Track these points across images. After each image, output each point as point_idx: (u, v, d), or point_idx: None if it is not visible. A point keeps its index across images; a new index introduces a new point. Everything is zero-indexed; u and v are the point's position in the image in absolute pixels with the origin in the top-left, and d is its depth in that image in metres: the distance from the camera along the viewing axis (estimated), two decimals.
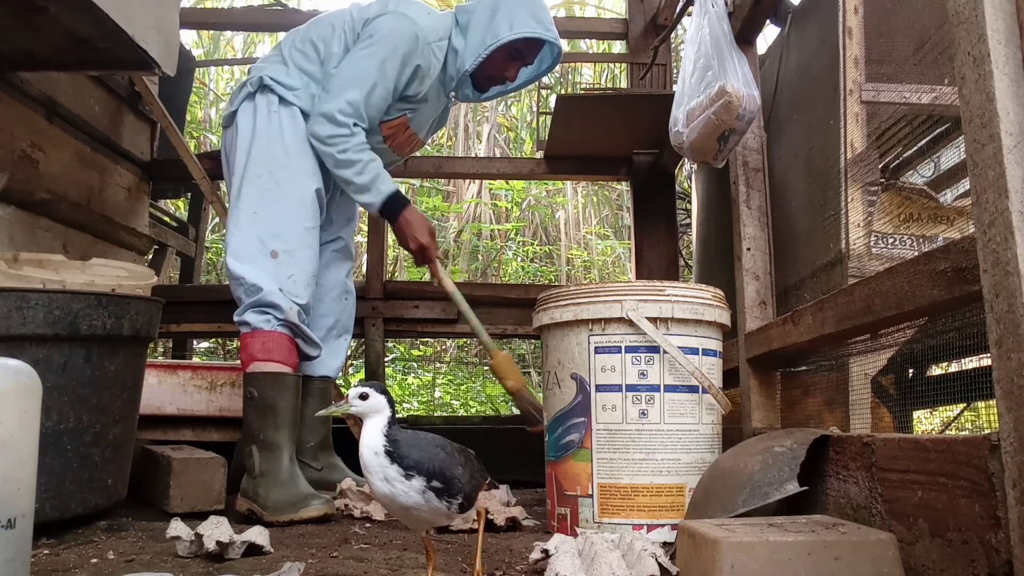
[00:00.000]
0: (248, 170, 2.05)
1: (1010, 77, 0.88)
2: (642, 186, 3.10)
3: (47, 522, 1.57)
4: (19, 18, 2.03)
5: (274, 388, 1.95)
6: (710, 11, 1.90)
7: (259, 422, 1.94)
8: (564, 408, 1.58)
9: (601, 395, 1.53)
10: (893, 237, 1.79)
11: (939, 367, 1.88)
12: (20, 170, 2.31)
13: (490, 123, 6.69)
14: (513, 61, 2.20)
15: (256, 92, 2.13)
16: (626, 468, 1.50)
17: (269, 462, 1.91)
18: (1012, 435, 0.84)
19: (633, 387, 1.50)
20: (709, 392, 1.54)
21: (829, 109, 1.88)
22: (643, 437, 1.50)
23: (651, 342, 1.50)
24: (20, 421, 1.11)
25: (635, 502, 1.49)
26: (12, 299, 1.55)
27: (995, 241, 0.87)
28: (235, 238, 2.01)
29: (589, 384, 1.54)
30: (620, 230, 6.52)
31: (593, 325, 1.54)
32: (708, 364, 1.62)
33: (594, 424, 1.52)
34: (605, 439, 1.51)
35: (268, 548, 1.46)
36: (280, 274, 1.98)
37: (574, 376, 1.57)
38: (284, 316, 1.96)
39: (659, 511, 1.50)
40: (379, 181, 2.07)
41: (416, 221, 2.12)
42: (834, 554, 1.02)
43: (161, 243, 3.68)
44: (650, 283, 1.61)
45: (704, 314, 1.62)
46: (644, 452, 1.49)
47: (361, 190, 2.07)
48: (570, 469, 1.57)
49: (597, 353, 1.52)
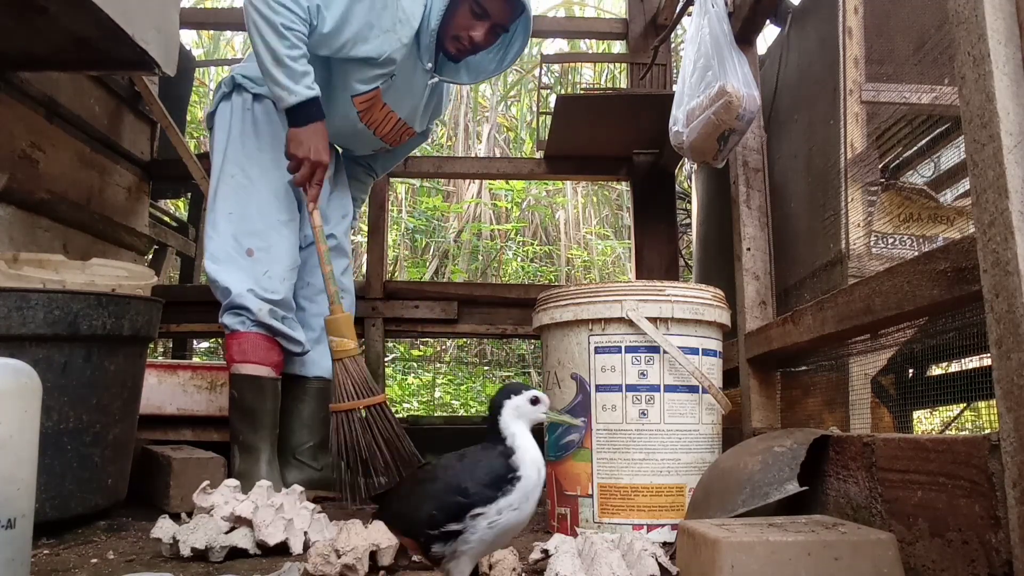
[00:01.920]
0: (223, 171, 2.05)
1: (1010, 77, 0.88)
2: (642, 186, 3.10)
3: (47, 522, 1.57)
4: (19, 18, 2.03)
5: (251, 391, 1.97)
6: (710, 11, 1.90)
7: (239, 424, 1.97)
8: (564, 408, 1.58)
9: (601, 395, 1.53)
10: (893, 237, 1.79)
11: (939, 367, 1.88)
12: (20, 170, 2.31)
13: (490, 123, 6.69)
14: (478, 19, 2.01)
15: (232, 92, 2.11)
16: (626, 468, 1.50)
17: (247, 464, 1.95)
18: (1012, 435, 0.84)
19: (633, 387, 1.50)
20: (709, 392, 1.54)
21: (829, 109, 1.89)
22: (643, 437, 1.50)
23: (651, 342, 1.50)
24: (20, 421, 1.11)
25: (635, 502, 1.49)
26: (12, 299, 1.55)
27: (995, 241, 0.87)
28: (212, 240, 2.02)
29: (589, 384, 1.54)
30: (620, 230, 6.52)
31: (593, 325, 1.54)
32: (708, 364, 1.62)
33: (594, 424, 1.52)
34: (605, 439, 1.51)
35: (253, 551, 1.45)
36: (256, 271, 1.98)
37: (574, 376, 1.57)
38: (255, 317, 1.97)
39: (659, 511, 1.50)
40: (309, 78, 1.90)
41: (323, 138, 1.94)
42: (834, 554, 1.02)
43: (161, 243, 3.68)
44: (650, 283, 1.61)
45: (704, 314, 1.62)
46: (644, 452, 1.49)
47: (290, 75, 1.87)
48: (570, 469, 1.57)
49: (597, 353, 1.52)
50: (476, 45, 2.06)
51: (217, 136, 2.09)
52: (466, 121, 6.47)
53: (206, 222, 2.09)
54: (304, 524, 1.50)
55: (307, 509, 1.53)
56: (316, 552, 1.26)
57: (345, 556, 1.26)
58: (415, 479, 1.09)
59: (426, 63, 2.08)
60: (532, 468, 0.99)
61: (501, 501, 0.97)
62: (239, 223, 2.01)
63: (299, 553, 1.46)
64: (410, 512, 1.04)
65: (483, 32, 2.04)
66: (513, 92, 6.96)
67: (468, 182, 6.27)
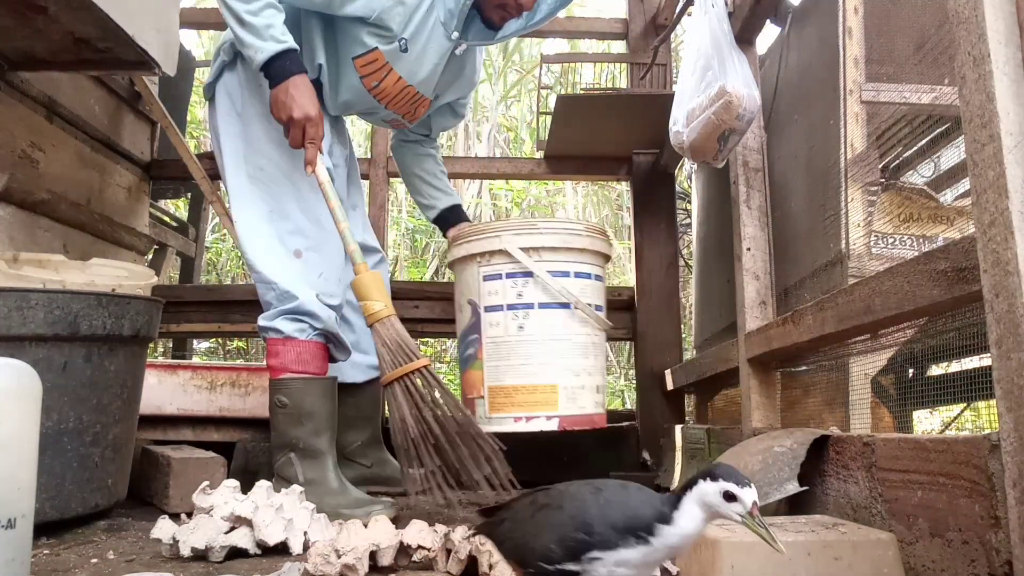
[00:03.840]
0: (248, 162, 1.89)
1: (1010, 77, 0.88)
2: (642, 186, 3.10)
3: (47, 522, 1.57)
4: (19, 18, 2.03)
5: (311, 394, 1.83)
6: (710, 11, 1.89)
7: (296, 430, 1.82)
8: (464, 327, 1.84)
9: (488, 314, 1.79)
10: (893, 237, 1.79)
11: (939, 367, 1.88)
12: (20, 170, 2.31)
13: (490, 123, 6.69)
14: None
15: (235, 60, 1.91)
16: (508, 372, 1.74)
17: (314, 470, 1.81)
18: (1012, 435, 0.84)
19: (513, 306, 1.75)
20: (579, 307, 1.76)
21: (829, 109, 1.88)
22: (522, 346, 1.74)
23: (526, 268, 1.73)
24: (20, 421, 1.11)
25: (515, 400, 1.74)
26: (12, 299, 1.55)
27: (995, 241, 0.87)
28: (254, 239, 1.86)
29: (480, 306, 1.80)
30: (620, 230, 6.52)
31: (480, 258, 1.78)
32: (581, 285, 1.88)
33: (484, 339, 1.79)
34: (492, 350, 1.76)
35: (253, 551, 1.45)
36: (309, 275, 1.84)
37: (470, 301, 1.82)
38: (323, 326, 1.84)
39: (535, 406, 1.75)
40: (275, 30, 1.73)
41: (306, 90, 1.75)
42: (834, 554, 1.02)
43: (161, 243, 3.68)
44: (526, 220, 1.93)
45: (573, 243, 1.86)
46: (522, 359, 1.74)
47: (255, 34, 1.72)
48: (470, 377, 1.84)
49: (485, 280, 1.80)
50: (522, 9, 1.92)
51: (226, 118, 1.92)
52: (466, 121, 6.47)
53: (237, 218, 1.89)
54: (304, 524, 1.50)
55: (307, 509, 1.53)
56: (316, 552, 1.26)
57: (345, 556, 1.26)
58: (536, 502, 0.94)
59: (451, 32, 1.89)
60: (674, 538, 0.84)
61: (622, 552, 0.84)
62: (280, 222, 1.86)
63: (299, 553, 1.46)
64: (525, 538, 0.92)
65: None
66: (513, 92, 6.96)
67: (468, 182, 6.27)
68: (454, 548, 1.31)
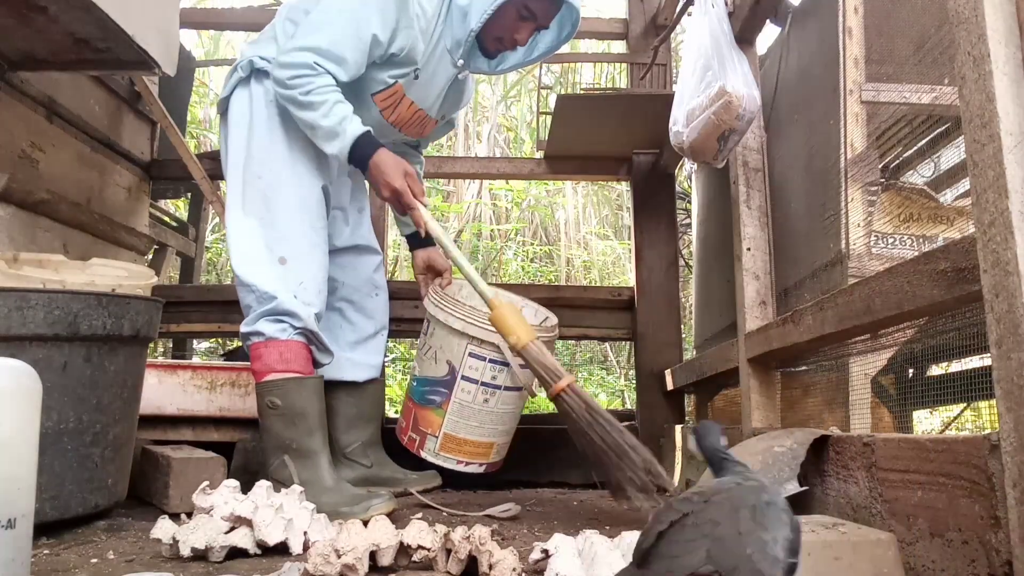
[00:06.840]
0: (248, 170, 1.94)
1: (1010, 77, 0.88)
2: (642, 186, 3.10)
3: (47, 522, 1.57)
4: (19, 18, 2.03)
5: (300, 394, 1.86)
6: (710, 11, 1.89)
7: (290, 431, 1.84)
8: (435, 377, 2.01)
9: (464, 383, 1.98)
10: (893, 237, 1.79)
11: (939, 367, 1.88)
12: (20, 170, 2.31)
13: (490, 123, 6.69)
14: (524, 21, 1.99)
15: (249, 77, 1.99)
16: (465, 429, 2.01)
17: (309, 471, 1.83)
18: (1012, 435, 0.84)
19: (486, 384, 1.98)
20: (526, 390, 2.02)
21: (829, 109, 1.88)
22: (482, 415, 2.00)
23: (505, 360, 1.95)
24: (20, 421, 1.11)
25: (463, 449, 2.03)
26: (12, 299, 1.55)
27: (995, 241, 0.87)
28: (241, 243, 1.91)
29: (458, 372, 1.98)
30: (620, 230, 6.52)
31: (472, 338, 1.95)
32: None
33: (453, 398, 1.99)
34: (457, 410, 1.99)
35: (253, 551, 1.45)
36: (290, 281, 1.88)
37: (448, 362, 1.99)
38: (302, 324, 1.87)
39: (475, 456, 2.05)
40: (347, 123, 1.87)
41: (387, 163, 1.90)
42: (834, 554, 1.02)
43: (161, 243, 3.68)
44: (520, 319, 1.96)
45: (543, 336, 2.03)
46: (479, 422, 2.01)
47: (329, 135, 1.87)
48: (427, 415, 2.03)
49: (470, 356, 1.97)
50: (517, 45, 2.06)
51: (236, 129, 1.98)
52: (466, 121, 6.47)
53: (229, 220, 1.96)
54: (304, 524, 1.50)
55: (307, 509, 1.53)
56: (316, 552, 1.26)
57: (345, 556, 1.26)
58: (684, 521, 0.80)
59: (456, 59, 2.04)
60: None
61: None
62: (269, 229, 1.91)
63: (299, 553, 1.46)
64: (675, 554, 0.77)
65: (527, 34, 2.03)
66: (513, 92, 6.96)
67: (468, 182, 6.27)
68: (454, 548, 1.31)
